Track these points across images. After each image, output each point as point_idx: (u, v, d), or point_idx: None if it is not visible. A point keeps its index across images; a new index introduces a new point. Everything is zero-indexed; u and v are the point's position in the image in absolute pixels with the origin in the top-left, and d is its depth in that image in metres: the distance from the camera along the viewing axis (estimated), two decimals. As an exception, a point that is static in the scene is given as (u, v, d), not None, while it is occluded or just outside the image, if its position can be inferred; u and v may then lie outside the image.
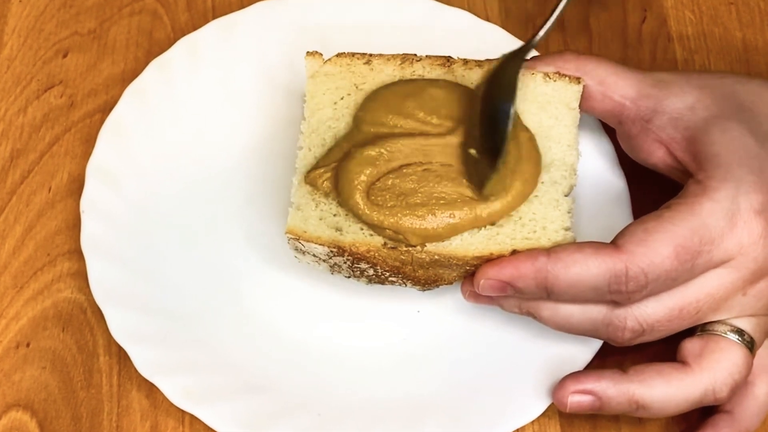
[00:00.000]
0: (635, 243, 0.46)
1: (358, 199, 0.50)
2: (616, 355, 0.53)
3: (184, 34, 0.61)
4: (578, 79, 0.53)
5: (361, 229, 0.51)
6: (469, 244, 0.50)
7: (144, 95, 0.59)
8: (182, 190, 0.58)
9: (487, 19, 0.62)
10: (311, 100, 0.54)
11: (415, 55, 0.55)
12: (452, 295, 0.55)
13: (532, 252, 0.48)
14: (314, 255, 0.52)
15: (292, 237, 0.50)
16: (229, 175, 0.59)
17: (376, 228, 0.50)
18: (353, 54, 0.55)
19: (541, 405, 0.52)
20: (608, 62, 0.53)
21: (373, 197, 0.50)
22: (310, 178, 0.51)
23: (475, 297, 0.51)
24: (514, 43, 0.60)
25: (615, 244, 0.47)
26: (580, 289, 0.47)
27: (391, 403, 0.52)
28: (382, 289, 0.55)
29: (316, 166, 0.52)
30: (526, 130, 0.53)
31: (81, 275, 0.56)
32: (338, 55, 0.55)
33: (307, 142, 0.53)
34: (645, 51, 0.64)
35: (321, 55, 0.55)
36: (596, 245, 0.47)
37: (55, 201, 0.59)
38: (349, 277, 0.53)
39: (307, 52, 0.55)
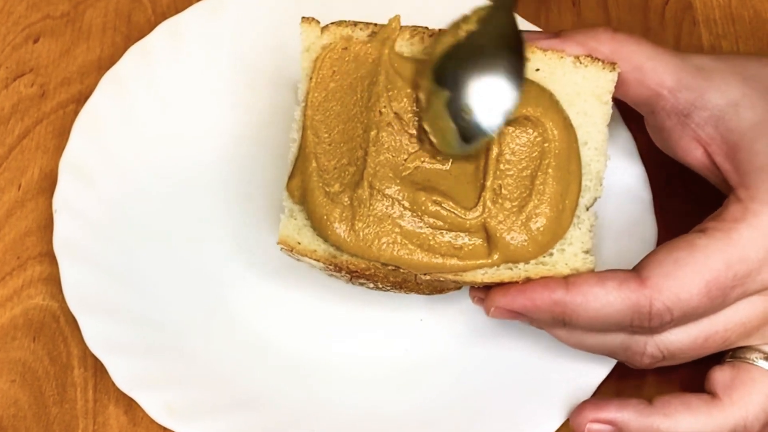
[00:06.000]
0: (663, 276, 0.45)
1: (340, 234, 0.47)
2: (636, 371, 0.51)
3: (165, 18, 0.61)
4: (613, 65, 0.49)
5: None
6: (477, 272, 0.47)
7: (122, 84, 0.58)
8: (164, 187, 0.57)
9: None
10: (306, 80, 0.50)
11: (426, 28, 0.51)
12: (458, 303, 0.54)
13: (548, 282, 0.46)
14: (310, 264, 0.50)
15: (285, 248, 0.49)
16: (216, 172, 0.58)
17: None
18: (355, 23, 0.50)
19: (553, 423, 0.51)
20: (647, 44, 0.49)
21: (358, 228, 0.47)
22: (288, 188, 0.49)
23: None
24: (526, 26, 0.58)
25: (640, 275, 0.45)
26: (599, 323, 0.46)
27: (392, 420, 0.51)
28: (383, 296, 0.54)
29: (291, 174, 0.49)
30: (572, 127, 0.49)
31: (53, 280, 0.55)
32: (337, 23, 0.50)
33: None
34: (668, 35, 0.63)
35: (318, 22, 0.50)
36: (619, 277, 0.45)
37: (25, 199, 0.58)
38: (348, 282, 0.51)
39: (303, 17, 0.51)
